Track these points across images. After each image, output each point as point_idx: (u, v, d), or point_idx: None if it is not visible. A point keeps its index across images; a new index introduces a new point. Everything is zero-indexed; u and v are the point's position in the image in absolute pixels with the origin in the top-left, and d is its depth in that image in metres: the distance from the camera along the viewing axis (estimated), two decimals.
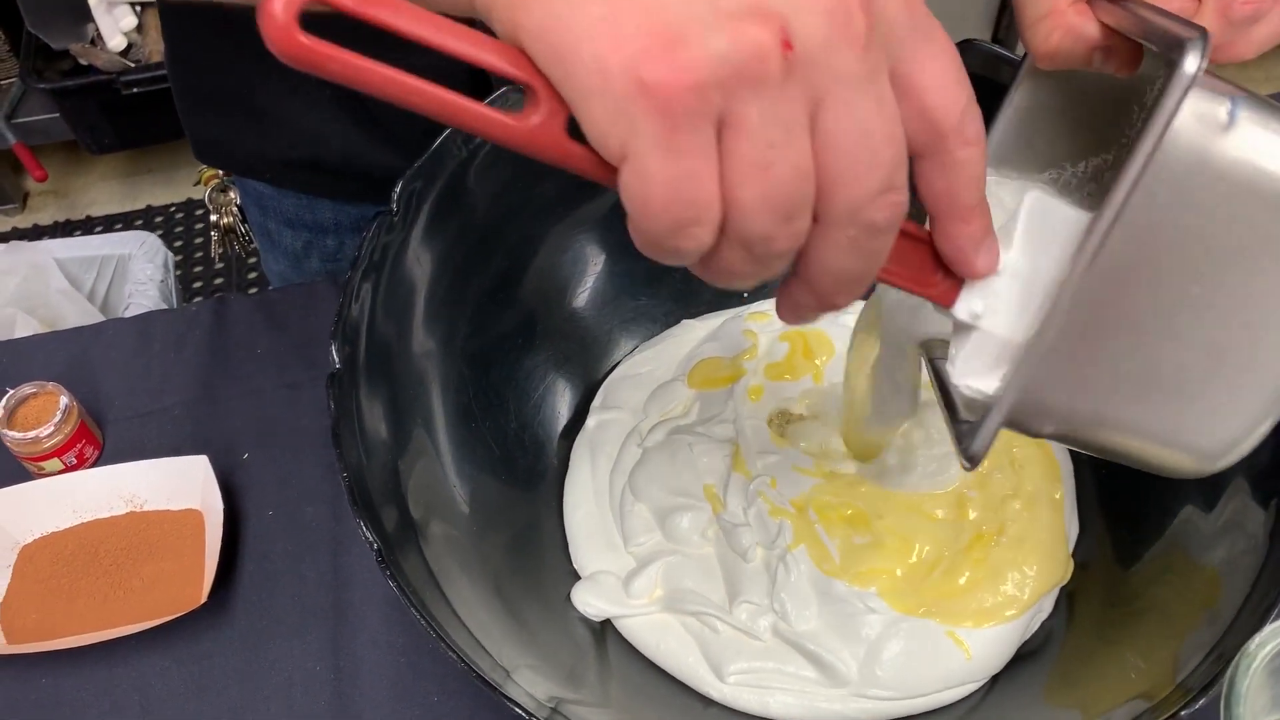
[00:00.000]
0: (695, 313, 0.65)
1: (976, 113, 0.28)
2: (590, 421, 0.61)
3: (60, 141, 1.81)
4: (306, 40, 0.25)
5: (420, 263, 0.55)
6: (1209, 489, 0.51)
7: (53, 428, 0.61)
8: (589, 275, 0.63)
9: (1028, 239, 0.33)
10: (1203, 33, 0.29)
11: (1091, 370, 0.33)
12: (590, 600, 0.54)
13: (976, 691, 0.53)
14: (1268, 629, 0.30)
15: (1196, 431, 0.34)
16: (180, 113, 0.71)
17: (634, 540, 0.55)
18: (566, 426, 0.62)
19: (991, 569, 0.54)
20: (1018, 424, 0.34)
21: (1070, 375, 0.33)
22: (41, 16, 1.56)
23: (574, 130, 0.27)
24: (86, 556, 0.61)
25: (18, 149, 1.72)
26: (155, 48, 1.61)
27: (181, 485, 0.62)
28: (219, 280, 1.79)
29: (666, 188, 0.25)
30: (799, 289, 0.29)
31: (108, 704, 0.57)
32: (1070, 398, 0.33)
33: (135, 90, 1.59)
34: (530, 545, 0.58)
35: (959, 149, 0.28)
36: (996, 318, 0.33)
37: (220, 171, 1.09)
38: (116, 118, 1.64)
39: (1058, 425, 0.34)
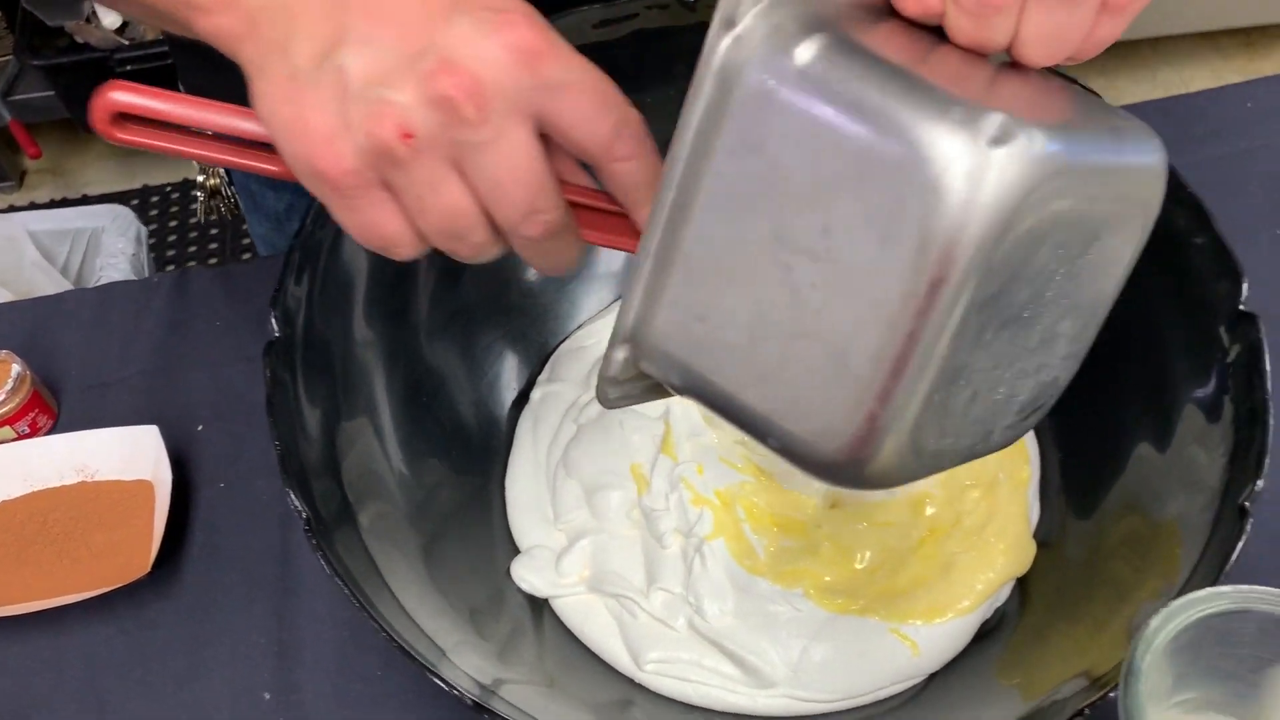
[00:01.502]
0: None
1: (625, 131, 0.34)
2: (535, 394, 0.60)
3: (57, 120, 1.81)
4: (121, 134, 0.38)
5: None
6: (1161, 427, 0.51)
7: (3, 395, 0.61)
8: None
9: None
10: None
11: (698, 325, 0.33)
12: (526, 576, 0.54)
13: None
14: (1165, 610, 0.29)
15: (803, 412, 0.32)
16: (178, 69, 0.71)
17: (564, 516, 0.55)
18: (517, 399, 0.62)
19: (943, 563, 0.53)
20: (651, 369, 0.35)
21: (679, 325, 0.33)
22: None
23: None
24: (36, 525, 0.61)
25: (13, 126, 1.72)
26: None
27: (133, 455, 0.62)
28: (214, 261, 1.79)
29: (358, 230, 0.35)
30: None
31: (53, 671, 0.57)
32: (683, 349, 0.34)
33: (130, 68, 1.59)
34: (479, 519, 0.58)
35: (613, 165, 0.35)
36: None
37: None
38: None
39: (682, 379, 0.34)
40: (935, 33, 0.33)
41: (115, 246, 1.07)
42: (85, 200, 1.90)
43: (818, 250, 0.30)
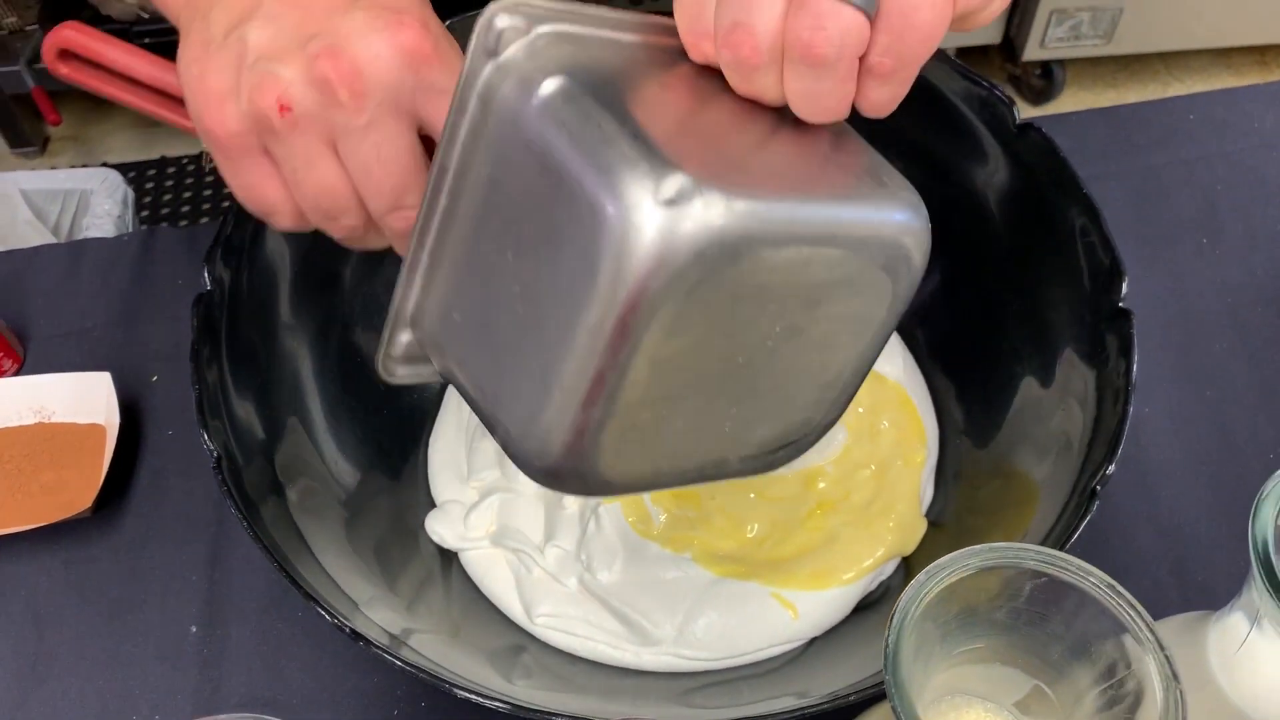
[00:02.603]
0: None
1: None
2: None
3: (79, 89, 1.86)
4: (65, 69, 0.43)
5: None
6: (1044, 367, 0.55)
7: None
8: None
9: None
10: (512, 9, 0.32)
11: (453, 318, 0.36)
12: (437, 529, 0.57)
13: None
14: (915, 581, 0.32)
15: (515, 415, 0.34)
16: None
17: (477, 474, 0.58)
18: None
19: (828, 535, 0.56)
20: (428, 351, 0.39)
21: (440, 316, 0.37)
22: None
23: None
24: None
25: (35, 93, 1.77)
26: None
27: (87, 400, 0.65)
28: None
29: (240, 191, 0.38)
30: None
31: None
32: (442, 339, 0.37)
33: (148, 40, 1.64)
34: (406, 478, 0.61)
35: None
36: None
37: None
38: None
39: (441, 365, 0.38)
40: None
41: (102, 208, 1.12)
42: (104, 168, 1.96)
43: (527, 268, 0.32)
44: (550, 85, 0.32)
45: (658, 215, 0.29)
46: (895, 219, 0.35)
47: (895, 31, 0.31)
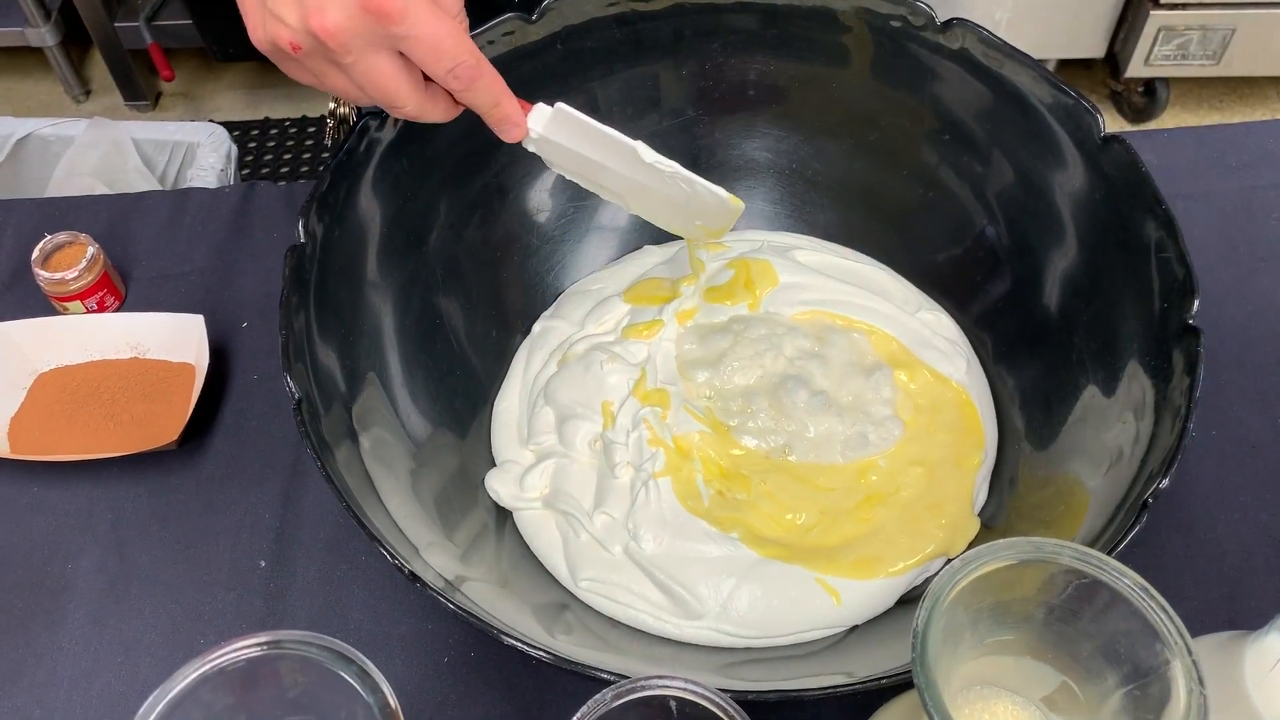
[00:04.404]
0: (658, 239, 0.69)
1: (456, 71, 0.46)
2: (536, 327, 0.66)
3: (194, 47, 1.93)
4: None
5: (399, 173, 0.61)
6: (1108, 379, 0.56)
7: (77, 272, 0.69)
8: (562, 203, 0.68)
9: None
10: None
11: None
12: (495, 487, 0.59)
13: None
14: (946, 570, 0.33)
15: None
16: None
17: (535, 438, 0.60)
18: (525, 330, 0.67)
19: (874, 527, 0.57)
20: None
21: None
22: None
23: None
24: (90, 389, 0.68)
25: (152, 49, 1.84)
26: None
27: (180, 340, 0.69)
28: None
29: (293, 76, 0.49)
30: None
31: (84, 516, 0.64)
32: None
33: None
34: (471, 435, 0.64)
35: (453, 93, 0.48)
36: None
37: None
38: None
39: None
40: None
41: (207, 161, 1.17)
42: (211, 123, 2.02)
43: None
44: None
45: None
46: None
47: None
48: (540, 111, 0.52)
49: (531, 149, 0.54)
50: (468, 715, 0.56)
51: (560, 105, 0.52)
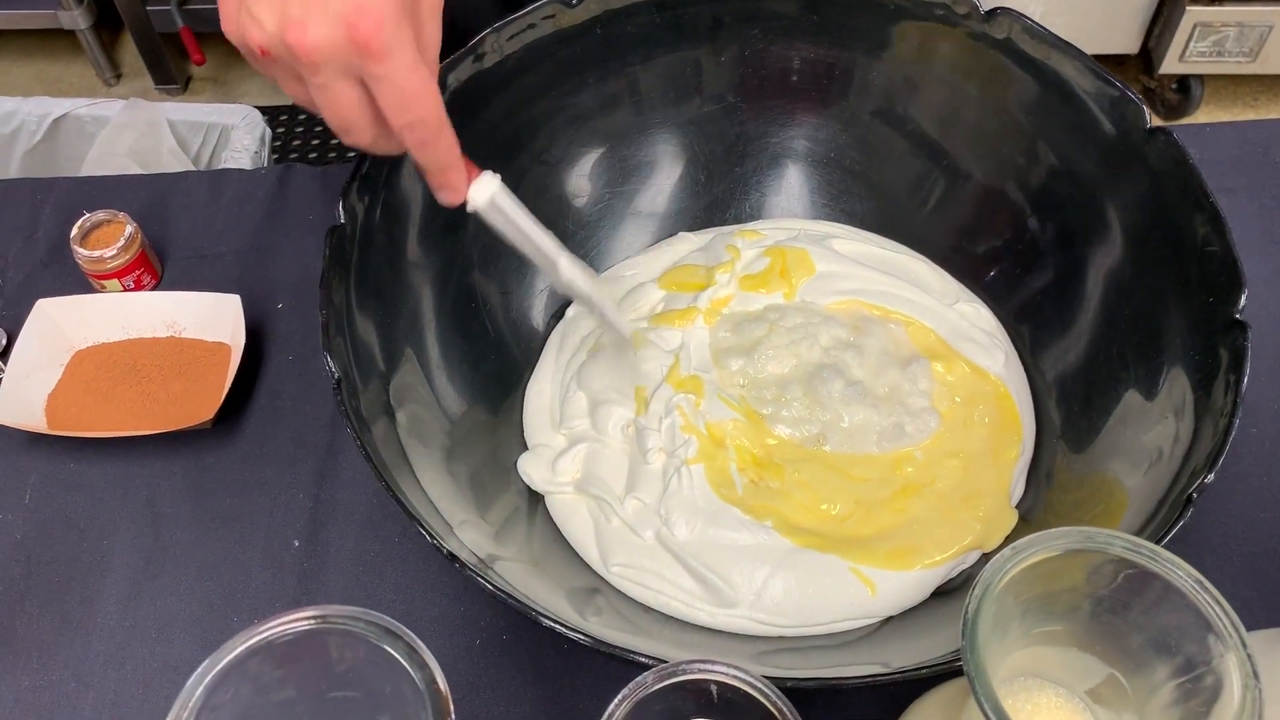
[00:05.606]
0: (693, 226, 0.69)
1: (415, 128, 0.45)
2: (570, 311, 0.65)
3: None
4: None
5: None
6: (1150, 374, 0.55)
7: (115, 251, 0.69)
8: (599, 188, 0.68)
9: None
10: None
11: None
12: (528, 470, 0.59)
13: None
14: (1010, 548, 0.32)
15: None
16: None
17: (568, 423, 0.60)
18: (558, 313, 0.67)
19: (910, 518, 0.56)
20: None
21: None
22: None
23: None
24: (126, 367, 0.69)
25: (184, 33, 1.85)
26: None
27: (216, 319, 0.69)
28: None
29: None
30: None
31: (120, 493, 0.65)
32: None
33: None
34: (504, 416, 0.64)
35: (407, 135, 0.46)
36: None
37: None
38: None
39: None
40: None
41: (241, 143, 1.17)
42: (246, 105, 2.03)
43: None
44: None
45: None
46: None
47: None
48: (484, 184, 0.51)
49: (471, 212, 0.53)
50: (498, 697, 0.56)
51: (496, 193, 0.51)
